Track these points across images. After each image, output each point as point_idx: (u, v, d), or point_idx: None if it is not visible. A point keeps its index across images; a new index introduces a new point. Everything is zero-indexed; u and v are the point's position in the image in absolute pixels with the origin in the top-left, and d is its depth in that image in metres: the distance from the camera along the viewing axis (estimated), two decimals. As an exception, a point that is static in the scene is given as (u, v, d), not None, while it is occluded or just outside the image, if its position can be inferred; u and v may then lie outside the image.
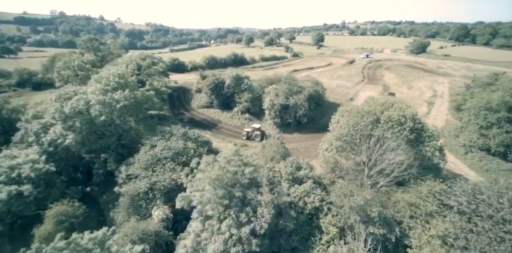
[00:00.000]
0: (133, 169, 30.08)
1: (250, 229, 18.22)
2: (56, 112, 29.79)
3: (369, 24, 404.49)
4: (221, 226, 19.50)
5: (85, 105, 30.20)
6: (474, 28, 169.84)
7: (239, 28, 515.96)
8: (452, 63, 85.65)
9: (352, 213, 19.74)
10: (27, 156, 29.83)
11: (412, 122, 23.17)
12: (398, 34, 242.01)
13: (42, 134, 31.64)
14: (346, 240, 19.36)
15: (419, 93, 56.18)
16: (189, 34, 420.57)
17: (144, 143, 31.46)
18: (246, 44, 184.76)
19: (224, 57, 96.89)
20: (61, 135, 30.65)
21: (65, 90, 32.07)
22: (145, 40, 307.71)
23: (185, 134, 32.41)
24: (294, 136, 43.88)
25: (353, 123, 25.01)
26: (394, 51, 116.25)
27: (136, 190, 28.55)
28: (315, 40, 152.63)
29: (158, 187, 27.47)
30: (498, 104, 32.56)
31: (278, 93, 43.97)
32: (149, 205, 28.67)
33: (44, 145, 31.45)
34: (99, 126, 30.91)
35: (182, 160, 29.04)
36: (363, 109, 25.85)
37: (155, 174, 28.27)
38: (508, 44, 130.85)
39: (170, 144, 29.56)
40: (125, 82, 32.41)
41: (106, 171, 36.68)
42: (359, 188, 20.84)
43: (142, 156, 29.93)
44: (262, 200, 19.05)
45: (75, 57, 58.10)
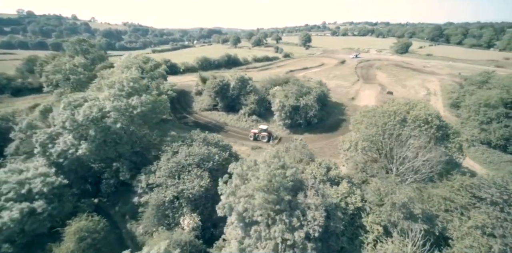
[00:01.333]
0: (155, 178, 28.89)
1: (305, 233, 18.21)
2: (67, 120, 27.71)
3: (348, 24, 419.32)
4: (270, 231, 19.29)
5: (99, 112, 28.39)
6: (447, 29, 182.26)
7: (220, 28, 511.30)
8: (435, 62, 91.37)
9: (395, 211, 20.42)
10: (36, 170, 27.53)
11: (437, 120, 24.45)
12: (377, 34, 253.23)
13: (49, 145, 29.25)
14: (392, 238, 19.99)
15: (413, 91, 59.31)
16: (170, 34, 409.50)
17: (165, 150, 30.28)
18: (233, 44, 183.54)
19: (217, 58, 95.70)
20: (72, 145, 28.56)
21: (74, 96, 29.89)
22: (124, 40, 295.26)
23: (206, 138, 31.62)
24: (305, 137, 44.36)
25: (381, 123, 25.82)
26: (379, 51, 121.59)
27: (161, 200, 27.49)
28: (302, 41, 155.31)
29: (186, 195, 26.59)
30: (496, 101, 35.24)
31: (288, 94, 44.25)
32: (176, 214, 27.72)
33: (52, 157, 29.13)
34: (114, 134, 29.21)
35: (208, 166, 28.29)
36: (389, 109, 26.77)
37: (182, 182, 27.31)
38: (479, 43, 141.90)
39: (195, 150, 28.66)
40: (140, 87, 30.89)
41: (118, 181, 34.96)
42: (400, 185, 21.58)
43: (165, 164, 28.78)
44: (312, 203, 19.10)
45: (65, 60, 54.32)
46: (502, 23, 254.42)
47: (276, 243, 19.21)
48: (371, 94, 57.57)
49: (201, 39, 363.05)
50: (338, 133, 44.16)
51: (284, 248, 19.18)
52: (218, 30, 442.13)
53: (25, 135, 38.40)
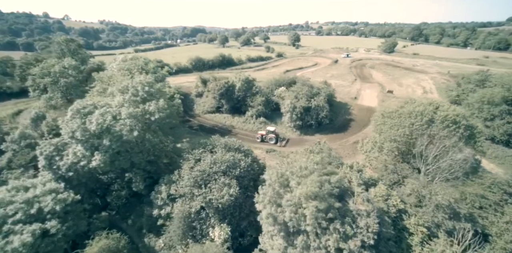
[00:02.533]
0: (177, 188, 27.24)
1: (360, 241, 17.78)
2: (77, 130, 25.17)
3: (330, 24, 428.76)
4: (321, 241, 18.67)
5: (113, 120, 26.10)
6: (426, 29, 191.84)
7: (203, 27, 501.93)
8: (422, 61, 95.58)
9: (439, 212, 20.64)
10: (44, 186, 24.80)
11: (465, 120, 25.10)
12: (359, 34, 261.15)
13: (56, 157, 26.45)
14: (437, 239, 20.17)
15: (411, 90, 61.40)
16: (151, 32, 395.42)
17: (186, 158, 28.59)
18: (221, 44, 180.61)
19: (211, 58, 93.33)
20: (83, 157, 26.04)
21: (82, 103, 27.20)
22: (102, 39, 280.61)
23: (227, 144, 30.29)
24: (317, 137, 44.24)
25: (408, 124, 26.05)
26: (367, 51, 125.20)
27: (187, 211, 25.99)
28: (291, 40, 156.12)
29: (216, 205, 25.26)
30: (499, 99, 37.10)
31: (298, 95, 43.82)
32: (204, 226, 26.34)
33: (60, 170, 26.41)
34: (130, 142, 27.03)
35: (236, 174, 27.05)
36: (415, 109, 27.09)
37: (209, 191, 25.89)
38: (456, 42, 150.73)
39: (220, 157, 27.25)
40: (155, 91, 28.84)
41: (129, 192, 32.78)
42: (443, 186, 21.78)
43: (188, 173, 27.15)
44: (364, 209, 18.72)
45: (53, 62, 49.97)
46: (472, 23, 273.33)
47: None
48: (372, 93, 58.79)
49: (184, 38, 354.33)
50: (348, 133, 44.52)
51: (336, 257, 18.67)
52: (202, 29, 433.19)
53: (18, 146, 34.80)
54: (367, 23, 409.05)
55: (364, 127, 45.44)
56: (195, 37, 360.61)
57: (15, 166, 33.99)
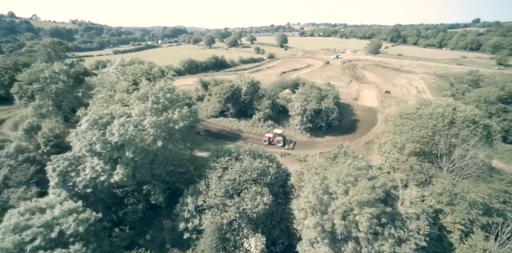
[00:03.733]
0: (207, 199, 26.16)
1: (415, 244, 18.05)
2: (97, 142, 23.16)
3: (311, 25, 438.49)
4: (373, 246, 18.71)
5: (134, 130, 24.34)
6: (403, 30, 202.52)
7: (183, 27, 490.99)
8: (407, 61, 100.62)
9: (472, 209, 21.56)
10: (62, 205, 22.52)
11: (483, 119, 26.55)
12: (340, 35, 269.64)
13: (71, 173, 24.12)
14: (474, 235, 21.05)
15: (405, 90, 64.29)
16: (129, 33, 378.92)
17: (213, 167, 27.43)
18: (207, 45, 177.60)
19: (204, 60, 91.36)
20: (103, 171, 24.02)
21: (99, 113, 25.03)
22: (77, 40, 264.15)
23: (252, 150, 29.53)
24: (327, 139, 44.76)
25: (431, 125, 27.04)
26: (354, 52, 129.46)
27: (219, 222, 25.03)
28: (279, 41, 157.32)
29: (251, 215, 24.51)
30: (495, 97, 39.86)
31: (308, 98, 44.03)
32: (237, 237, 25.47)
33: (77, 187, 24.15)
34: (153, 153, 25.41)
35: (266, 181, 26.41)
36: (435, 111, 28.17)
37: (241, 201, 25.04)
38: (432, 43, 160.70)
39: (249, 165, 26.44)
40: (176, 98, 27.37)
41: (147, 206, 31.01)
42: (475, 184, 22.74)
43: (217, 182, 26.07)
44: (414, 212, 19.04)
45: (41, 67, 45.89)
46: (442, 25, 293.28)
47: (379, 258, 18.72)
48: (371, 94, 60.73)
49: (165, 39, 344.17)
50: (358, 134, 45.47)
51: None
52: (183, 29, 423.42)
53: (15, 161, 31.47)
54: (346, 25, 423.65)
55: (371, 128, 46.69)
56: (177, 38, 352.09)
57: (13, 183, 30.69)
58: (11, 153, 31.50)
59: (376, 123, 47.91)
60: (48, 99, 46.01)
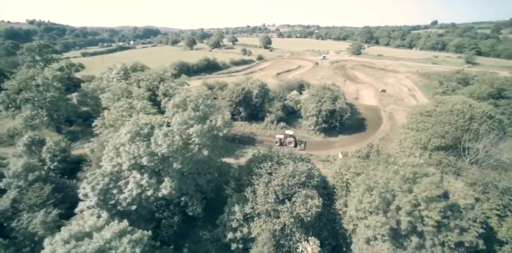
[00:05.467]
0: (253, 206, 25.70)
1: (475, 232, 19.55)
2: (144, 155, 21.45)
3: (286, 26, 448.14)
4: (438, 238, 19.86)
5: (180, 140, 22.97)
6: (375, 32, 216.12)
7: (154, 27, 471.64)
8: (389, 61, 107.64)
9: (504, 195, 23.90)
10: (110, 226, 20.49)
11: (497, 114, 29.53)
12: (316, 36, 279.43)
13: (113, 190, 21.98)
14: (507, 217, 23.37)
15: (397, 88, 68.80)
16: (95, 33, 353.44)
17: (257, 173, 26.90)
18: (188, 46, 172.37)
19: (196, 62, 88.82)
20: (149, 186, 22.30)
21: (139, 122, 23.05)
22: (36, 42, 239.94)
23: (291, 154, 29.54)
24: (341, 138, 46.26)
25: (454, 121, 29.44)
26: (337, 53, 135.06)
27: (272, 229, 24.77)
28: (263, 43, 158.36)
29: (304, 219, 24.59)
30: (486, 94, 44.45)
31: (322, 99, 45.14)
32: (290, 242, 25.34)
33: (120, 205, 22.14)
34: (200, 163, 24.20)
35: (314, 184, 26.59)
36: (454, 108, 30.68)
37: (292, 205, 24.97)
38: (403, 44, 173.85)
39: (294, 168, 26.39)
40: (213, 104, 26.36)
41: (182, 218, 29.55)
42: (498, 173, 25.14)
43: (264, 188, 25.66)
44: (468, 203, 20.58)
45: (31, 73, 41.06)
46: (405, 27, 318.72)
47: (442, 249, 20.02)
48: (369, 93, 64.01)
49: (137, 40, 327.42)
50: (369, 132, 47.66)
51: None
52: (155, 30, 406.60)
53: (25, 181, 27.81)
54: (319, 26, 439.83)
55: (378, 125, 49.22)
56: (150, 39, 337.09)
57: (25, 207, 27.14)
58: (19, 172, 27.74)
59: (382, 121, 50.63)
60: (41, 109, 41.43)
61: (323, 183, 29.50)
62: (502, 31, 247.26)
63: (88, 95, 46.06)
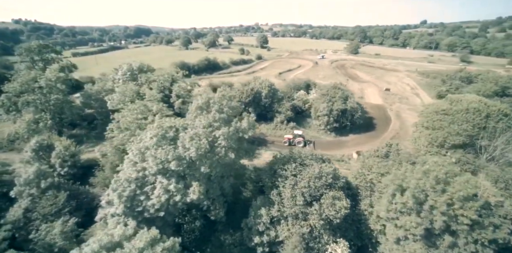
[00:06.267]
0: (279, 208, 25.29)
1: (507, 228, 19.78)
2: (172, 159, 20.65)
3: (278, 26, 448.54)
4: (472, 236, 19.98)
5: (206, 143, 22.26)
6: (368, 31, 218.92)
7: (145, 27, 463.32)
8: (387, 61, 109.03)
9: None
10: (141, 234, 19.62)
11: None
12: (310, 36, 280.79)
13: (140, 197, 21.07)
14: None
15: (400, 87, 69.66)
16: (84, 33, 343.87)
17: (282, 175, 26.47)
18: (183, 46, 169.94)
19: (196, 62, 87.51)
20: (177, 191, 21.51)
21: (164, 126, 22.15)
22: (24, 42, 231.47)
23: (313, 155, 29.23)
24: (352, 138, 46.37)
25: (471, 119, 29.83)
26: (335, 52, 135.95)
27: (300, 232, 24.42)
28: (260, 42, 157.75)
29: (333, 221, 24.34)
30: (491, 92, 45.45)
31: (333, 99, 45.09)
32: (319, 244, 25.06)
33: (147, 212, 21.26)
34: (227, 166, 23.57)
35: (340, 185, 26.37)
36: (470, 106, 31.09)
37: (320, 207, 24.68)
38: (396, 43, 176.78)
39: (319, 170, 26.07)
40: (237, 106, 25.73)
41: (205, 222, 28.88)
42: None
43: (290, 191, 25.26)
44: (498, 200, 20.80)
45: (33, 75, 39.20)
46: (396, 26, 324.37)
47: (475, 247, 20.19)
48: (374, 92, 64.53)
49: (128, 39, 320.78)
50: (379, 130, 47.95)
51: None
52: (147, 29, 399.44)
53: (38, 189, 26.45)
54: (311, 26, 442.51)
55: (388, 124, 49.61)
56: (141, 38, 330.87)
57: (38, 216, 25.84)
58: (31, 180, 26.38)
59: (390, 119, 51.07)
60: (45, 112, 39.67)
61: (346, 183, 29.35)
62: (489, 30, 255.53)
63: (93, 97, 44.53)
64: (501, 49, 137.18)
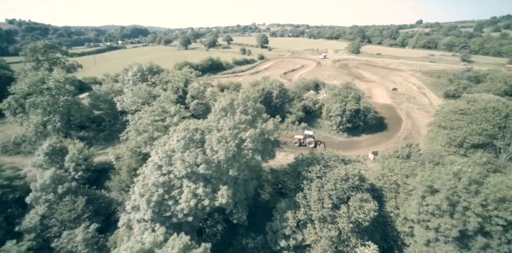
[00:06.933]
0: (306, 211, 24.84)
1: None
2: (200, 163, 20.01)
3: (276, 26, 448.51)
4: (506, 236, 19.81)
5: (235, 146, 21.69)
6: (367, 31, 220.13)
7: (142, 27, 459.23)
8: (389, 60, 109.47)
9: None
10: (172, 240, 18.96)
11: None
12: (308, 36, 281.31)
13: (168, 202, 20.37)
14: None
15: (406, 87, 69.82)
16: (80, 33, 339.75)
17: (307, 177, 26.01)
18: (183, 46, 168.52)
19: (200, 62, 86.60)
20: (206, 195, 20.88)
21: (189, 127, 21.45)
22: (19, 43, 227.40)
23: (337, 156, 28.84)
24: (365, 138, 46.16)
25: (491, 119, 29.79)
26: (336, 52, 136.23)
27: (329, 235, 24.01)
28: (260, 42, 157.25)
29: (363, 223, 23.99)
30: (502, 91, 45.67)
31: (345, 99, 44.84)
32: (348, 247, 24.66)
33: (175, 217, 20.60)
34: (254, 169, 23.02)
35: (366, 187, 26.03)
36: (488, 105, 31.07)
37: (348, 210, 24.30)
38: (395, 43, 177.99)
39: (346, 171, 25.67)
40: (261, 107, 25.19)
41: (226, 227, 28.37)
42: None
43: (316, 194, 24.83)
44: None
45: (41, 75, 38.06)
46: (393, 26, 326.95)
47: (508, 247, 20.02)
48: (381, 92, 64.54)
49: (125, 39, 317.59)
50: (391, 130, 47.81)
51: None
52: (143, 29, 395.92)
53: (55, 194, 25.52)
54: (308, 26, 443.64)
55: (399, 124, 49.52)
56: (138, 38, 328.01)
57: (55, 223, 24.92)
58: (47, 185, 25.43)
59: (401, 119, 51.03)
60: (54, 114, 38.55)
61: (370, 185, 29.04)
62: (484, 29, 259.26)
63: (101, 98, 43.52)
64: (498, 49, 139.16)
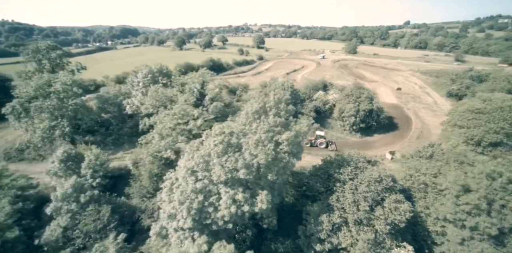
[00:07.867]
0: (341, 214, 24.58)
1: None
2: (240, 168, 19.29)
3: (267, 26, 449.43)
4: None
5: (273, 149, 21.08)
6: (359, 31, 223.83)
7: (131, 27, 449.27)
8: (386, 60, 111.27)
9: None
10: (217, 249, 18.18)
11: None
12: (301, 36, 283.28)
13: (209, 208, 19.51)
14: None
15: (409, 86, 71.10)
16: (67, 33, 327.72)
17: (339, 179, 25.71)
18: (177, 46, 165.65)
19: (201, 63, 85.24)
20: (245, 201, 20.15)
21: (224, 131, 20.60)
22: (3, 43, 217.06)
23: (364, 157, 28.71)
24: (378, 138, 46.50)
25: (509, 117, 30.56)
26: (333, 52, 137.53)
27: (367, 238, 23.83)
28: (256, 43, 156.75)
29: (399, 225, 23.94)
30: (505, 90, 47.09)
31: (358, 99, 45.04)
32: (383, 249, 24.55)
33: (215, 224, 19.80)
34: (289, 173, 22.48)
35: (399, 188, 25.99)
36: (503, 104, 31.86)
37: (384, 212, 24.19)
38: (388, 43, 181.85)
39: (382, 173, 25.53)
40: (293, 109, 24.72)
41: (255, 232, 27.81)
42: None
43: (352, 195, 24.59)
44: None
45: (47, 78, 36.08)
46: (382, 27, 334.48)
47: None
48: (387, 92, 65.38)
49: (114, 40, 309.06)
50: (402, 130, 48.37)
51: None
52: (133, 29, 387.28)
53: (77, 204, 24.10)
54: (300, 26, 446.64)
55: (410, 123, 50.19)
56: (128, 38, 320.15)
57: (79, 234, 23.53)
58: (69, 194, 23.97)
59: (410, 118, 51.79)
60: (62, 118, 36.70)
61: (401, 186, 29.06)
62: (469, 30, 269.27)
63: (109, 101, 41.83)
64: (486, 49, 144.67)
